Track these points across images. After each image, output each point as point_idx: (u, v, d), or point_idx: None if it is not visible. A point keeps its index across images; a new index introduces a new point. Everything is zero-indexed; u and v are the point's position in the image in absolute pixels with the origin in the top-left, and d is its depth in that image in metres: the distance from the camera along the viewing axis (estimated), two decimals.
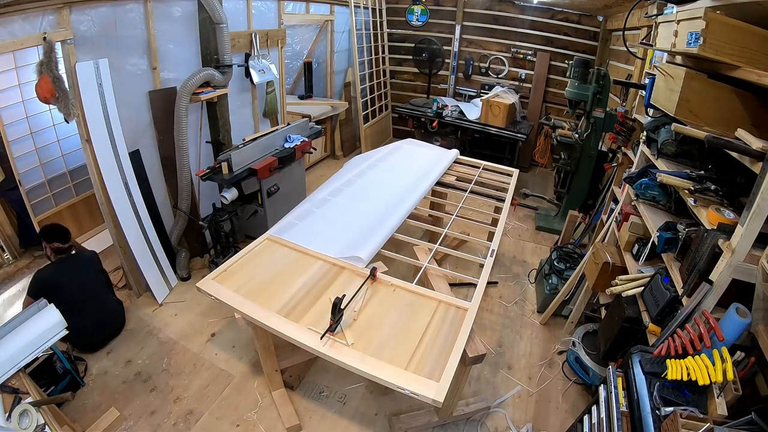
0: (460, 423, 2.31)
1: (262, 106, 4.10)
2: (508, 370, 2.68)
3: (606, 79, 3.54)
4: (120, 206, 2.72)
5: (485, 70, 5.87)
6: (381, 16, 5.93)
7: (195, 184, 3.35)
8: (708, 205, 1.57)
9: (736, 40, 1.50)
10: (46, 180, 3.31)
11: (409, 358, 1.63)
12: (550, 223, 4.40)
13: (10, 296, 3.00)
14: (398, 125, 6.43)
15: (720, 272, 1.37)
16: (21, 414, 1.54)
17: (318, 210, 2.66)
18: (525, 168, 5.80)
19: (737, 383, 1.24)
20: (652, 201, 2.06)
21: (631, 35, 3.80)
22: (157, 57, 2.82)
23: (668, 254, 1.76)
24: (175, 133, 2.99)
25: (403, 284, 2.03)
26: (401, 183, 3.07)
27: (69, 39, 2.27)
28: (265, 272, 2.09)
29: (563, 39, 5.36)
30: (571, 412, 2.40)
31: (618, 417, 1.38)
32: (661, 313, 1.64)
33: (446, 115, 5.28)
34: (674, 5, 2.09)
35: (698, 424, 1.14)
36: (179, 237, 3.30)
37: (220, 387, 2.42)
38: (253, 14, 3.63)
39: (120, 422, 2.18)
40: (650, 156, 2.15)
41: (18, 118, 3.02)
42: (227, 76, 3.22)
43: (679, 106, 1.75)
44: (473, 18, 5.70)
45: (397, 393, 1.56)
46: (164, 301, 3.04)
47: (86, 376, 2.43)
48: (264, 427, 2.21)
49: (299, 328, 1.76)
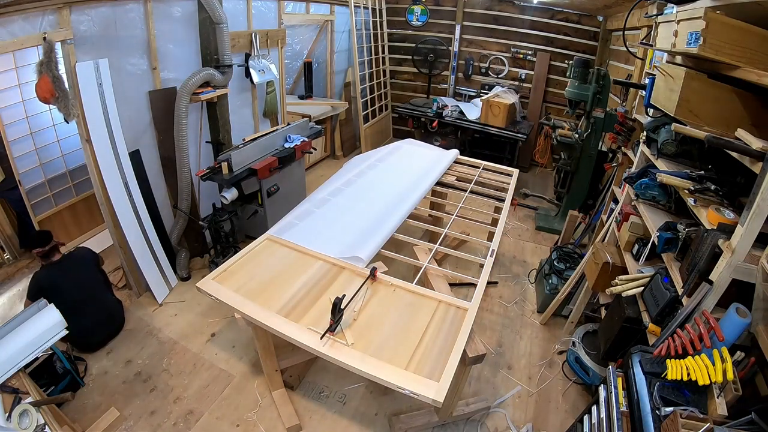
0: (460, 423, 2.31)
1: (262, 106, 4.10)
2: (508, 370, 2.67)
3: (606, 79, 3.54)
4: (120, 206, 2.72)
5: (485, 70, 5.87)
6: (381, 16, 5.93)
7: (195, 184, 3.35)
8: (708, 205, 1.57)
9: (736, 40, 1.50)
10: (46, 180, 3.31)
11: (409, 358, 1.63)
12: (550, 223, 4.40)
13: (10, 296, 3.00)
14: (398, 125, 6.43)
15: (720, 272, 1.38)
16: (21, 414, 1.54)
17: (318, 210, 2.66)
18: (525, 168, 5.80)
19: (737, 383, 1.24)
20: (652, 201, 2.06)
21: (631, 35, 3.80)
22: (157, 57, 2.82)
23: (668, 254, 1.76)
24: (175, 133, 2.99)
25: (403, 284, 2.03)
26: (401, 183, 3.07)
27: (69, 39, 2.27)
28: (265, 272, 2.09)
29: (563, 39, 5.36)
30: (571, 412, 2.40)
31: (618, 417, 1.38)
32: (661, 313, 1.64)
33: (446, 115, 5.28)
34: (674, 5, 2.09)
35: (698, 424, 1.14)
36: (179, 237, 3.30)
37: (220, 387, 2.42)
38: (253, 14, 3.63)
39: (120, 422, 2.18)
40: (650, 156, 2.15)
41: (18, 118, 3.02)
42: (227, 76, 3.22)
43: (679, 106, 1.75)
44: (473, 18, 5.70)
45: (397, 393, 1.56)
46: (164, 301, 3.04)
47: (86, 376, 2.43)
48: (264, 427, 2.21)
49: (299, 328, 1.76)
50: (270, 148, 3.53)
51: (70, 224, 3.57)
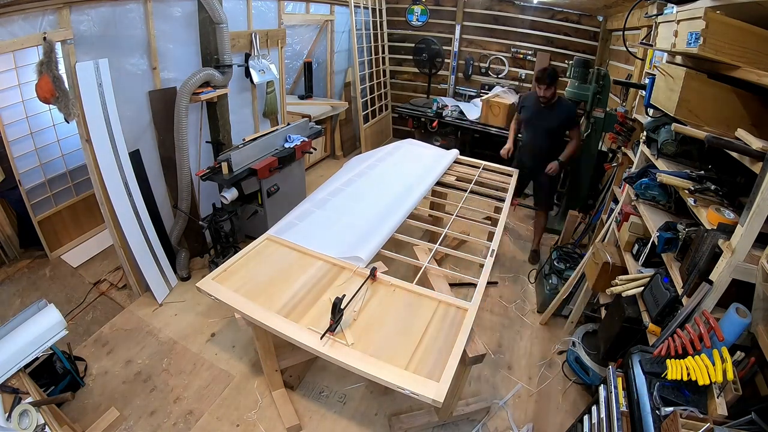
0: (460, 423, 2.31)
1: (262, 106, 4.09)
2: (508, 370, 2.68)
3: (606, 79, 3.53)
4: (120, 206, 2.72)
5: (485, 70, 5.86)
6: (381, 16, 5.92)
7: (195, 184, 3.35)
8: (708, 205, 1.57)
9: (736, 40, 1.50)
10: (46, 180, 3.31)
11: (409, 358, 1.63)
12: (550, 223, 4.39)
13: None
14: (398, 125, 6.42)
15: (720, 272, 1.37)
16: (21, 414, 1.54)
17: (318, 210, 2.66)
18: None
19: (737, 383, 1.24)
20: (652, 201, 2.06)
21: (631, 35, 3.80)
22: (157, 57, 2.82)
23: (668, 254, 1.75)
24: (175, 133, 2.99)
25: (403, 284, 2.03)
26: (401, 183, 3.07)
27: (69, 39, 2.27)
28: (265, 272, 2.09)
29: (563, 39, 5.35)
30: (571, 412, 2.40)
31: (618, 417, 1.38)
32: (661, 313, 1.64)
33: (446, 115, 5.27)
34: (674, 5, 2.09)
35: (698, 424, 1.14)
36: (179, 237, 3.30)
37: (220, 387, 2.42)
38: (253, 14, 3.63)
39: (120, 422, 2.18)
40: (650, 156, 2.15)
41: (18, 118, 3.02)
42: (227, 76, 3.22)
43: (679, 106, 1.75)
44: (473, 18, 5.70)
45: (397, 393, 1.56)
46: (164, 301, 3.04)
47: (86, 376, 2.43)
48: (264, 427, 2.21)
49: (299, 328, 1.76)
50: (270, 148, 3.53)
51: (70, 224, 3.57)
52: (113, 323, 2.84)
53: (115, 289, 3.12)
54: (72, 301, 2.99)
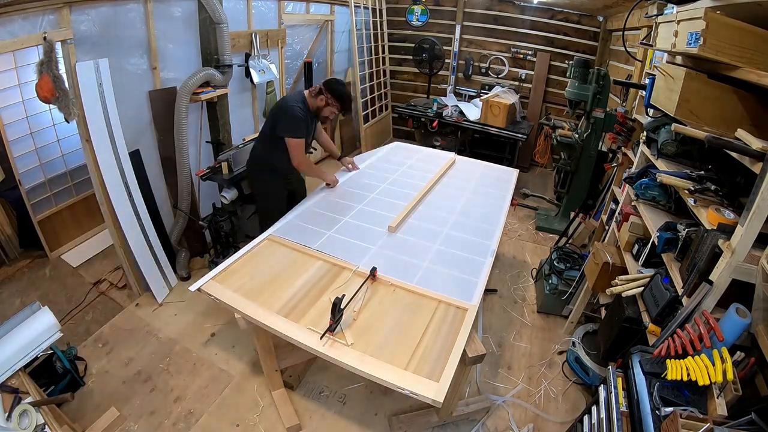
0: (460, 423, 2.31)
1: (262, 106, 4.10)
2: (508, 370, 2.67)
3: (606, 79, 3.54)
4: (120, 206, 2.72)
5: (485, 70, 5.87)
6: (381, 16, 5.92)
7: (195, 184, 3.35)
8: (708, 205, 1.57)
9: (736, 40, 1.50)
10: (46, 180, 3.31)
11: (409, 358, 1.63)
12: (550, 223, 4.40)
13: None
14: (398, 125, 6.42)
15: (720, 272, 1.37)
16: (21, 414, 1.54)
17: (318, 210, 2.66)
18: (525, 168, 5.80)
19: (737, 383, 1.24)
20: (652, 201, 2.06)
21: (631, 35, 3.81)
22: (157, 57, 2.82)
23: (668, 254, 1.75)
24: (175, 133, 2.99)
25: (403, 284, 2.03)
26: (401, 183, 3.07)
27: (69, 39, 2.27)
28: (265, 272, 2.09)
29: (563, 39, 5.36)
30: (571, 412, 2.40)
31: (618, 417, 1.38)
32: (661, 314, 1.64)
33: (446, 115, 5.28)
34: (674, 5, 2.09)
35: (698, 424, 1.14)
36: (179, 237, 3.30)
37: (220, 387, 2.42)
38: (253, 14, 3.63)
39: (120, 422, 2.18)
40: (650, 156, 2.15)
41: (18, 118, 3.02)
42: (227, 76, 3.22)
43: (679, 106, 1.75)
44: (473, 18, 5.70)
45: (397, 393, 1.55)
46: (164, 300, 3.04)
47: (86, 376, 2.43)
48: (264, 427, 2.21)
49: (299, 328, 1.75)
50: None
51: (70, 224, 3.57)
52: (113, 323, 2.84)
53: (115, 288, 3.12)
54: (72, 301, 2.99)
